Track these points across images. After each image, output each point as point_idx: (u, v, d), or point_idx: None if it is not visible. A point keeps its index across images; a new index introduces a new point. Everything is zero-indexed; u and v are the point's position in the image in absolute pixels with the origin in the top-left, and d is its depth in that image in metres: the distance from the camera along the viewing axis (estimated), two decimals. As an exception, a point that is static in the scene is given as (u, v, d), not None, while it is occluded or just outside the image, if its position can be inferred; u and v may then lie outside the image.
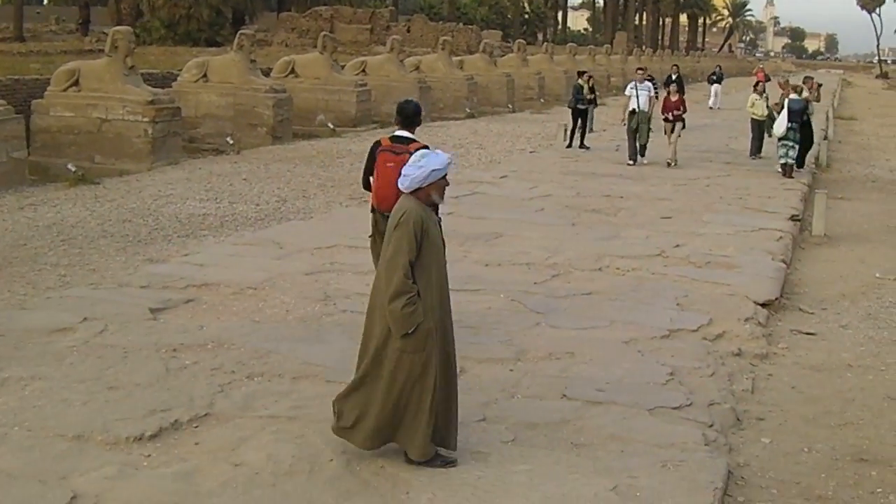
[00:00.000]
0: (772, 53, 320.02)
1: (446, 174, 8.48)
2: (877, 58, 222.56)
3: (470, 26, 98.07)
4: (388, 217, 10.04)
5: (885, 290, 16.37)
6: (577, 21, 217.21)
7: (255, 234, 17.99)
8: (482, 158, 30.32)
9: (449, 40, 53.19)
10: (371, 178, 11.98)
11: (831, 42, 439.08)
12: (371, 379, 8.44)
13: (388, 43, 47.35)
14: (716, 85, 59.92)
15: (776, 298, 15.04)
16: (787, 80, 32.48)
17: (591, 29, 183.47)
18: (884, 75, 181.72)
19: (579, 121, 33.09)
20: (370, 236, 12.31)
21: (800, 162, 29.33)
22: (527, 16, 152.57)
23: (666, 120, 29.52)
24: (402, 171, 8.45)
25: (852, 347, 13.23)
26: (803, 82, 30.59)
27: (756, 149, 31.74)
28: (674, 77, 37.81)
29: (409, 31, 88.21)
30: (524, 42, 68.16)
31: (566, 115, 35.64)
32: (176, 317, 12.57)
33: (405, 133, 11.76)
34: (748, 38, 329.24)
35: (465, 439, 8.97)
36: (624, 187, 24.50)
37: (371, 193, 12.11)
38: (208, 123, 32.96)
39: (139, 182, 23.42)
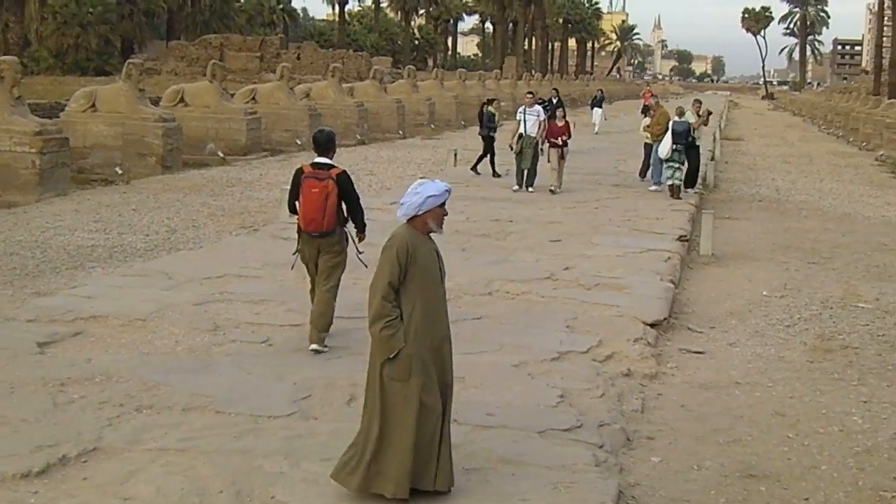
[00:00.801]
0: (660, 76, 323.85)
1: (444, 203, 8.51)
2: (762, 79, 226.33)
3: (360, 53, 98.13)
4: (315, 237, 12.56)
5: (772, 308, 16.62)
6: (468, 46, 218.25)
7: (145, 265, 17.82)
8: (373, 185, 30.34)
9: (339, 67, 53.19)
10: (297, 203, 12.68)
11: (718, 64, 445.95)
12: (365, 412, 8.48)
13: (278, 70, 47.32)
14: (597, 109, 59.18)
15: (665, 318, 15.20)
16: (657, 103, 32.70)
17: (481, 54, 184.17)
18: (769, 96, 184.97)
19: (492, 147, 32.57)
20: (294, 253, 13.19)
21: (689, 183, 29.70)
22: (417, 42, 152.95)
23: (552, 145, 28.81)
24: (400, 200, 8.51)
25: (740, 365, 13.41)
26: (692, 106, 30.89)
27: (645, 170, 31.63)
28: (554, 101, 37.77)
29: (299, 58, 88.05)
30: (414, 68, 68.43)
31: (456, 141, 35.87)
32: (64, 350, 12.39)
33: (324, 160, 12.66)
34: (636, 62, 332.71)
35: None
36: (513, 211, 24.61)
37: (298, 216, 12.77)
38: (97, 153, 32.52)
39: (27, 214, 23.15)
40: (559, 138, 28.71)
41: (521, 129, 28.52)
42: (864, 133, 61.07)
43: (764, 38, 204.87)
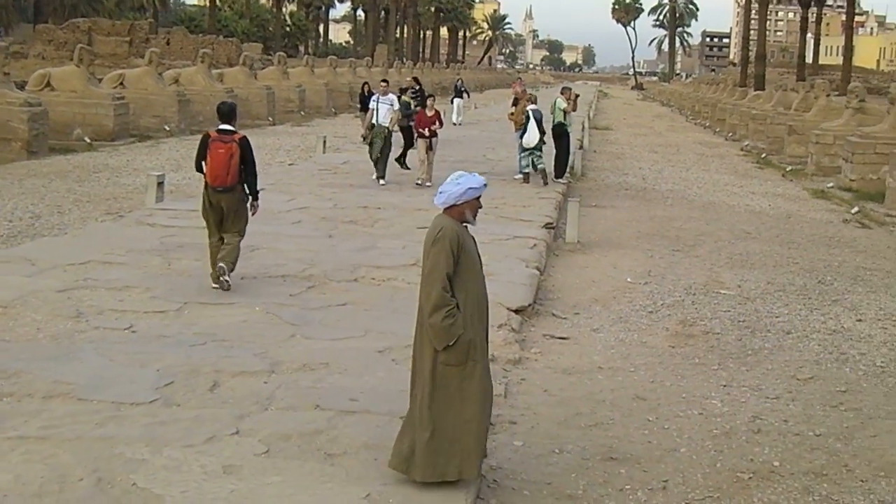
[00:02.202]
0: (531, 66, 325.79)
1: (480, 196, 8.79)
2: (632, 69, 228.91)
3: (230, 39, 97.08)
4: (219, 191, 14.56)
5: (636, 294, 16.82)
6: (339, 34, 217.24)
7: (7, 251, 17.51)
8: (241, 171, 30.03)
9: (209, 53, 52.72)
10: (203, 163, 14.75)
11: (588, 54, 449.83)
12: (415, 399, 8.64)
13: (147, 56, 46.71)
14: (458, 99, 56.76)
15: (529, 305, 15.31)
16: (523, 91, 32.67)
17: (352, 42, 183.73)
18: (639, 86, 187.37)
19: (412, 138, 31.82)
20: (203, 209, 15.08)
21: (559, 171, 29.88)
22: (288, 28, 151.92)
23: (421, 136, 27.76)
24: (439, 189, 8.79)
25: (603, 350, 13.56)
26: (561, 93, 31.06)
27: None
28: (416, 89, 37.51)
29: (168, 43, 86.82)
30: (285, 55, 68.02)
31: (326, 128, 35.72)
32: (-80, 338, 12.11)
33: (227, 126, 14.82)
34: (508, 51, 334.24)
35: (219, 453, 8.92)
36: (381, 198, 24.61)
37: (204, 174, 14.79)
38: (-40, 139, 31.81)
39: None
40: (427, 129, 27.63)
41: (374, 119, 27.38)
42: (730, 124, 62.08)
43: (634, 29, 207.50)
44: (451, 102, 56.31)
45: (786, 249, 21.72)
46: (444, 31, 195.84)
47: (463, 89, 59.05)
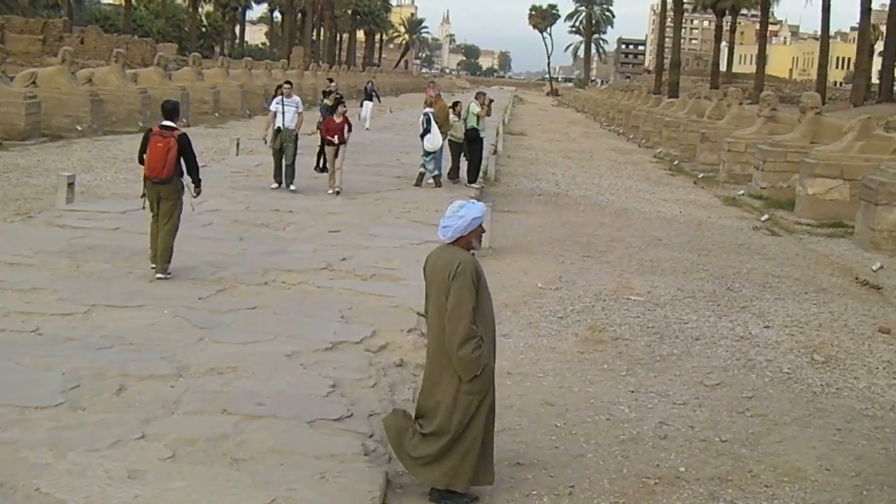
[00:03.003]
0: (447, 70, 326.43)
1: (482, 222, 8.89)
2: (547, 75, 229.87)
3: (145, 39, 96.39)
4: (156, 182, 15.78)
5: (546, 300, 16.87)
6: (255, 35, 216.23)
7: None
8: (153, 173, 29.77)
9: (123, 53, 52.28)
10: (144, 156, 15.91)
11: (505, 59, 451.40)
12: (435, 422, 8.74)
13: (60, 54, 46.14)
14: (367, 103, 55.11)
15: (440, 309, 15.28)
16: (437, 95, 32.71)
17: (269, 43, 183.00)
18: (554, 92, 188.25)
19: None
20: (142, 196, 16.31)
21: (472, 176, 29.96)
22: (204, 29, 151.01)
23: (329, 143, 27.08)
24: (441, 223, 8.87)
25: (512, 356, 13.56)
26: (475, 98, 31.13)
27: (455, 171, 31.00)
28: (330, 91, 37.21)
29: (82, 42, 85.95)
30: (200, 56, 67.52)
31: (240, 130, 35.51)
32: None
33: (169, 123, 16.10)
34: (425, 55, 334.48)
35: (124, 457, 8.84)
36: (293, 201, 24.49)
37: (144, 166, 15.97)
38: None
39: None
40: (335, 136, 26.86)
41: (280, 123, 26.48)
42: (644, 130, 62.49)
43: (550, 35, 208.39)
44: (361, 105, 55.25)
45: (696, 256, 21.90)
46: (360, 34, 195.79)
47: (373, 92, 57.84)
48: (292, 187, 26.53)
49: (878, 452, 10.77)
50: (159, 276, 15.72)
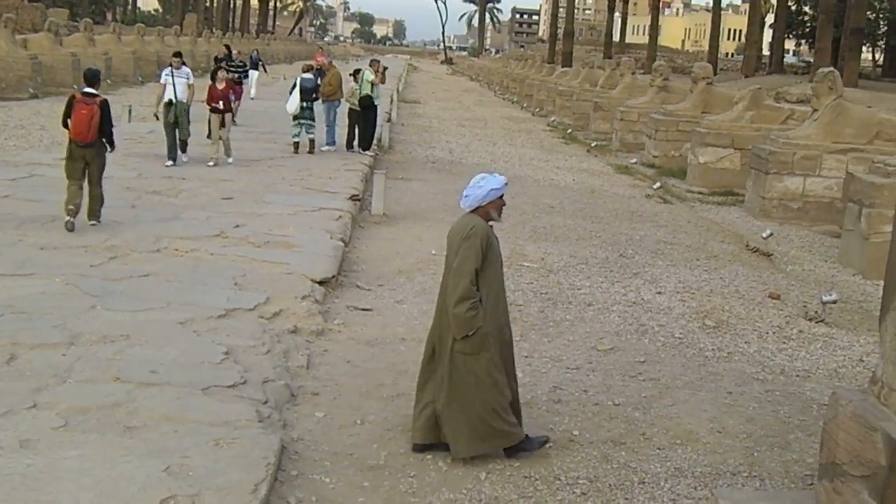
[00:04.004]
0: (342, 38, 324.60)
1: (503, 194, 9.33)
2: (442, 44, 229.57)
3: (35, 3, 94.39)
4: (82, 146, 16.76)
5: (440, 266, 16.77)
6: (148, 1, 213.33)
7: None
8: (43, 140, 29.38)
9: (12, 18, 51.28)
10: (69, 120, 16.88)
11: (399, 28, 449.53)
12: (434, 376, 9.29)
13: (-54, 20, 45.30)
14: (253, 72, 49.80)
15: (333, 276, 15.29)
16: (330, 63, 32.57)
17: (161, 10, 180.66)
18: (448, 61, 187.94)
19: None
20: (66, 160, 17.08)
21: (365, 144, 29.91)
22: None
23: (214, 111, 26.14)
24: (463, 192, 9.35)
25: (406, 322, 13.63)
26: (369, 65, 31.03)
27: (351, 139, 30.53)
28: (234, 59, 36.70)
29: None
30: (91, 22, 66.60)
31: (132, 97, 35.10)
32: None
33: (91, 90, 17.12)
34: (319, 23, 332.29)
35: (15, 427, 8.74)
36: (186, 169, 24.25)
37: (69, 130, 16.90)
38: None
39: None
40: (219, 102, 26.11)
41: (171, 96, 25.14)
42: (537, 99, 62.79)
43: (445, 3, 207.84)
44: (246, 75, 53.88)
45: (589, 223, 22.08)
46: (254, 1, 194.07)
47: (259, 60, 55.03)
48: (185, 159, 25.67)
49: (769, 415, 10.96)
50: (68, 219, 16.71)
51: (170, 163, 25.12)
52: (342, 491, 8.50)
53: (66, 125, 17.14)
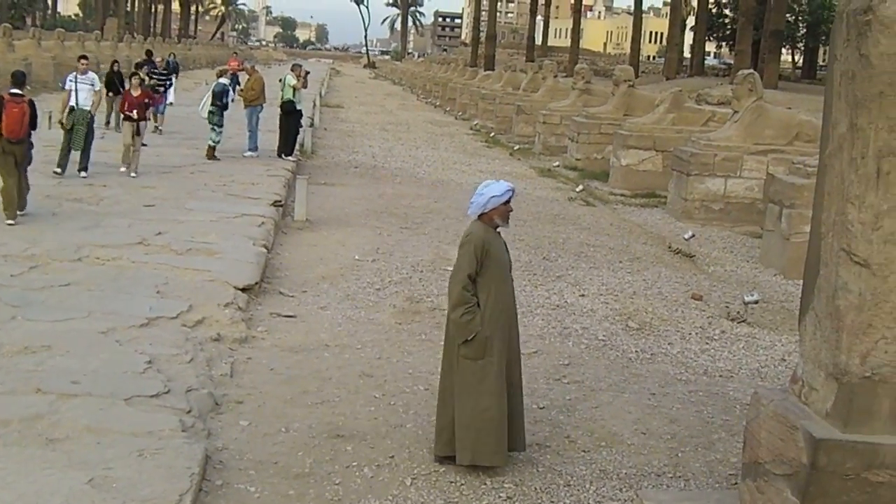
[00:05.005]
0: (264, 42, 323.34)
1: (508, 200, 9.40)
2: (364, 48, 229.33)
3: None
4: (14, 143, 17.92)
5: (363, 272, 16.90)
6: (69, 6, 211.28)
7: None
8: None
9: (-74, 23, 50.71)
10: None
11: (322, 32, 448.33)
12: (446, 388, 9.40)
13: None
14: (171, 76, 46.83)
15: (256, 283, 15.25)
16: (252, 67, 32.58)
17: (82, 14, 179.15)
18: (371, 65, 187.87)
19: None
20: None
21: (288, 149, 29.85)
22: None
23: (128, 119, 25.22)
24: (470, 200, 9.50)
25: (330, 328, 13.61)
26: (291, 69, 30.97)
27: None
28: (161, 68, 36.31)
29: None
30: (10, 27, 65.85)
31: (52, 104, 34.55)
32: None
33: (18, 91, 18.53)
34: (241, 27, 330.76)
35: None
36: (108, 176, 23.98)
37: (0, 128, 17.78)
38: None
39: None
40: (134, 111, 25.15)
41: (73, 101, 24.24)
42: (460, 103, 62.87)
43: (367, 7, 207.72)
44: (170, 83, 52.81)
45: (512, 226, 21.76)
46: (175, 5, 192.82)
47: (176, 65, 53.32)
48: (83, 174, 23.95)
49: (692, 415, 11.07)
50: (10, 222, 17.74)
51: (58, 170, 23.80)
52: (267, 500, 8.48)
53: None
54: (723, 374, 12.83)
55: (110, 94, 32.51)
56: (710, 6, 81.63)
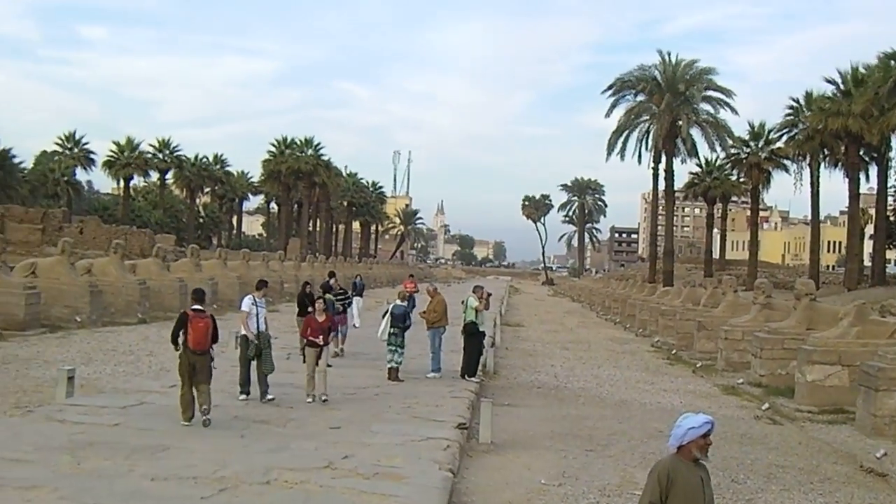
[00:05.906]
0: (443, 260, 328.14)
1: (707, 433, 9.46)
2: (542, 264, 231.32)
3: (143, 230, 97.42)
4: (198, 354, 19.83)
5: (550, 497, 16.71)
6: (253, 226, 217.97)
7: None
8: (152, 366, 29.88)
9: (121, 243, 52.67)
10: (182, 333, 20.00)
11: (499, 249, 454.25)
12: None
13: (60, 245, 46.71)
14: (357, 298, 48.26)
15: (444, 508, 15.16)
16: (435, 289, 32.94)
17: (265, 234, 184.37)
18: (549, 281, 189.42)
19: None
20: (180, 367, 20.13)
21: (471, 370, 29.92)
22: (202, 220, 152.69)
23: (312, 345, 24.20)
24: (670, 432, 9.64)
25: (519, 555, 13.45)
26: (473, 291, 31.17)
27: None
28: (331, 284, 36.60)
29: (81, 232, 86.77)
30: (198, 247, 68.22)
31: (237, 322, 35.35)
32: None
33: (199, 307, 20.42)
34: (420, 245, 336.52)
35: None
36: (292, 398, 24.23)
37: (185, 341, 19.92)
38: None
39: None
40: (318, 336, 24.20)
41: (254, 327, 23.71)
42: (640, 319, 62.74)
43: (544, 224, 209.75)
44: (350, 302, 52.54)
45: (699, 449, 21.73)
46: (356, 225, 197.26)
47: (363, 286, 52.76)
48: (269, 396, 23.64)
49: None
50: (185, 423, 19.80)
51: (243, 396, 23.70)
52: None
53: (175, 340, 20.25)
54: None
55: (300, 315, 32.87)
56: (888, 213, 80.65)
